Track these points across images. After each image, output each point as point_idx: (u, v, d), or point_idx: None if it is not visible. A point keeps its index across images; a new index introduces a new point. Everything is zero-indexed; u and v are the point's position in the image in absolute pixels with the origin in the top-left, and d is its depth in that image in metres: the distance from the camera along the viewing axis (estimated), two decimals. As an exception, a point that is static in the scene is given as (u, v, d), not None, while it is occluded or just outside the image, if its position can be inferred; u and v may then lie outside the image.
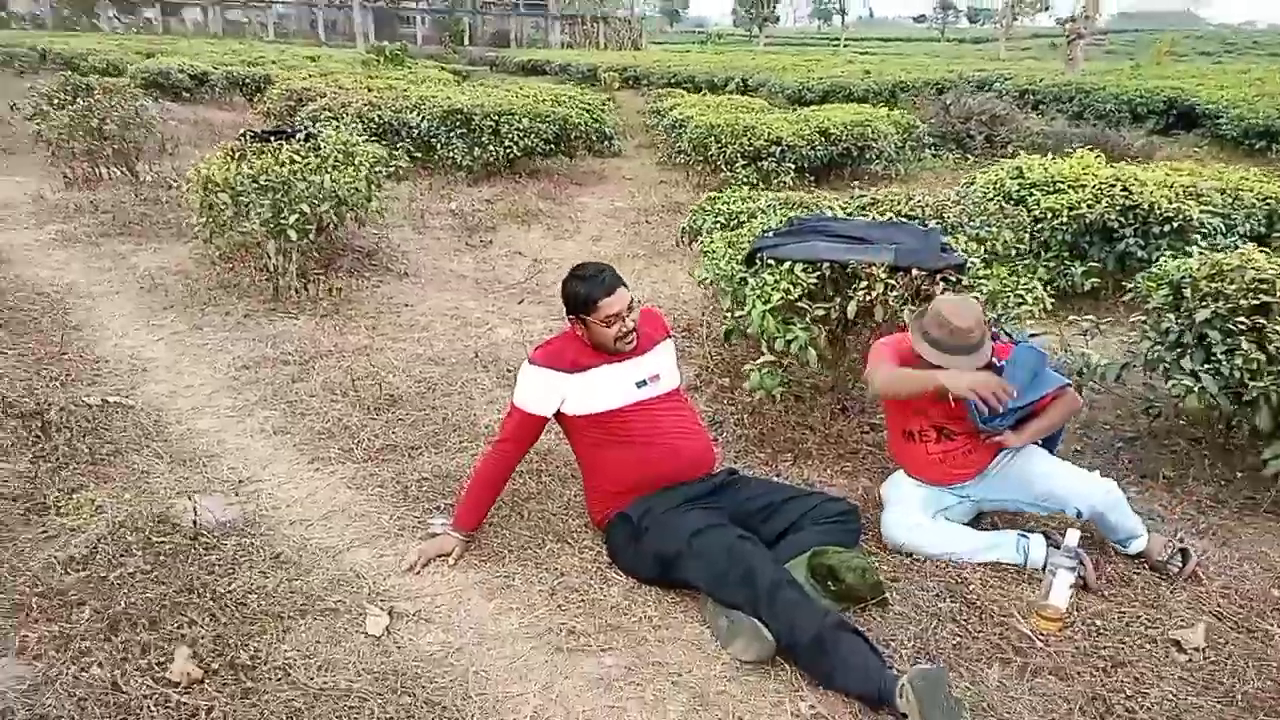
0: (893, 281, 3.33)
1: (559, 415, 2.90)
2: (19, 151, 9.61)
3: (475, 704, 2.23)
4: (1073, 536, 2.60)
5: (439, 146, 9.65)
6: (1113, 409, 4.13)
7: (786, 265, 3.46)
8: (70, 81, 8.71)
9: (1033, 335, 3.30)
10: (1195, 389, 3.24)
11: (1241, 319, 3.21)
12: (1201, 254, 3.76)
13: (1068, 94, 16.29)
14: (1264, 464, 3.15)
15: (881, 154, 10.18)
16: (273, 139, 5.86)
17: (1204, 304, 3.33)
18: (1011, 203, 5.75)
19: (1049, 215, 5.54)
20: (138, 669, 2.23)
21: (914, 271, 3.33)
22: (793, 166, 9.33)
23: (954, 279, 3.38)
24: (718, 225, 4.47)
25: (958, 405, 2.86)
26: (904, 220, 4.11)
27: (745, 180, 8.81)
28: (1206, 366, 3.24)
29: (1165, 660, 2.44)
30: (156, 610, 2.46)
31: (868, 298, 3.35)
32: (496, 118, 9.60)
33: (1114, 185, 5.60)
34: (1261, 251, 3.57)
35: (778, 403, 3.66)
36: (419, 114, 9.83)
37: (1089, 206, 5.46)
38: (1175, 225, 5.32)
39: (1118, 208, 5.43)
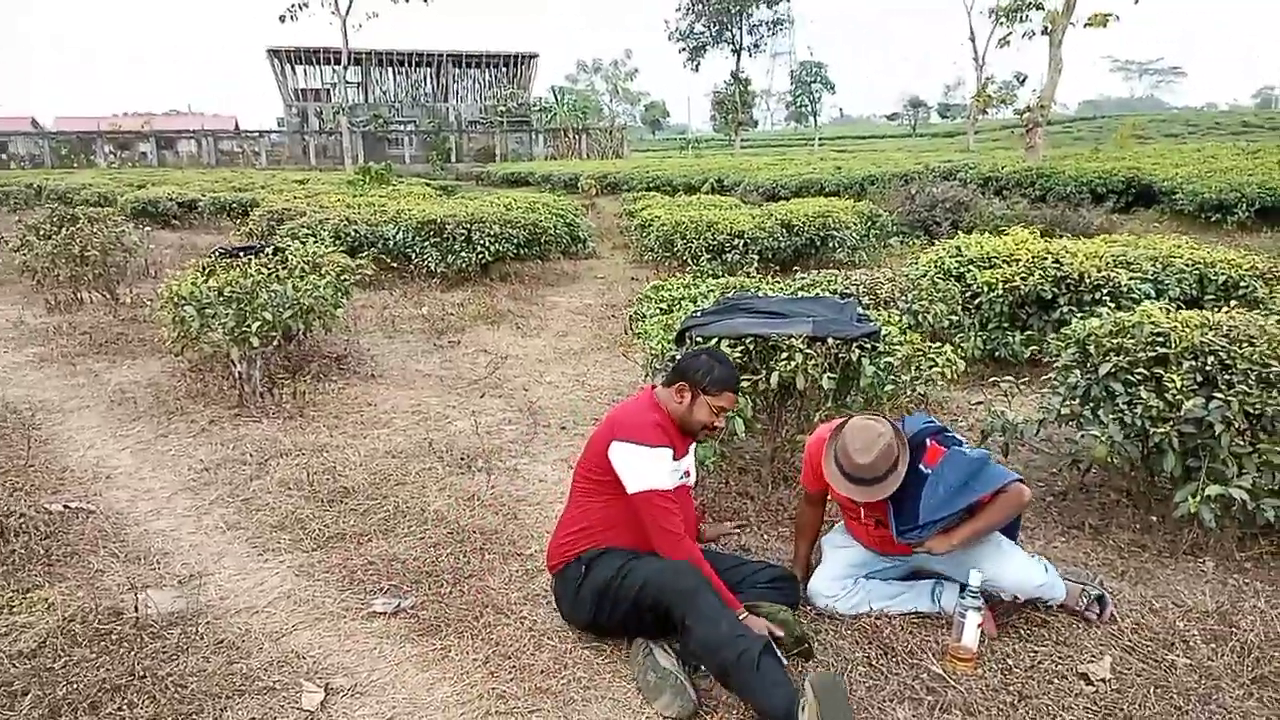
0: (810, 352, 3.52)
1: (606, 473, 2.87)
2: (5, 282, 9.94)
3: (398, 767, 2.31)
4: (975, 578, 2.71)
5: (414, 256, 9.99)
6: (1046, 466, 4.27)
7: (713, 341, 3.65)
8: (56, 212, 9.06)
9: (963, 443, 3.10)
10: (1104, 438, 3.41)
11: (1141, 370, 3.40)
12: (1109, 314, 3.97)
13: (1029, 179, 16.89)
14: (1175, 507, 3.28)
15: (844, 243, 10.55)
16: (242, 254, 6.14)
17: (1106, 359, 3.52)
18: (952, 278, 6.02)
19: (985, 289, 5.79)
20: (72, 749, 2.30)
21: (830, 341, 3.52)
22: (756, 258, 9.66)
23: (868, 345, 3.57)
24: (658, 311, 4.69)
25: (879, 510, 2.91)
26: (825, 295, 4.32)
27: (710, 273, 9.11)
28: (1112, 417, 3.41)
29: (1071, 693, 2.53)
30: (97, 695, 2.55)
31: (788, 368, 3.53)
32: (469, 225, 9.97)
33: (1045, 258, 5.87)
34: (1164, 309, 3.80)
35: (711, 473, 3.80)
36: (394, 226, 10.21)
37: (1022, 279, 5.71)
38: (1106, 292, 5.56)
39: (1050, 279, 5.68)
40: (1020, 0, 25.27)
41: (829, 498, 3.13)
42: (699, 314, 3.88)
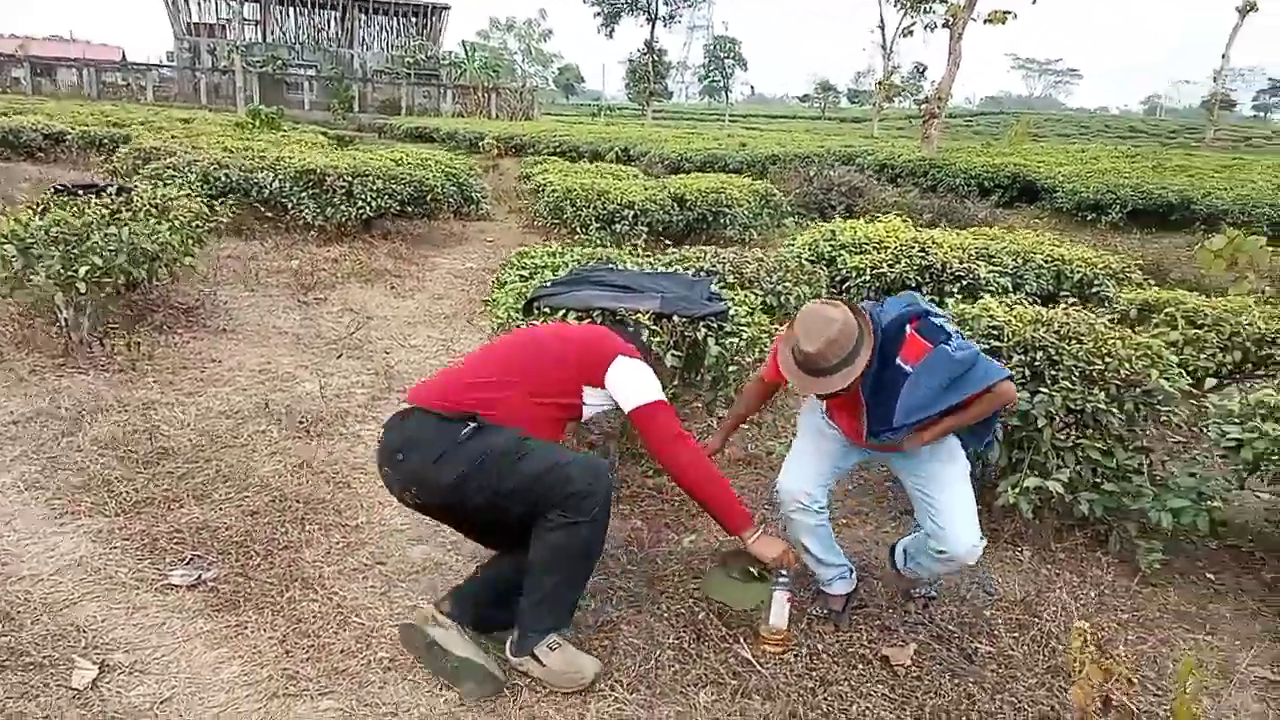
0: (656, 328, 3.45)
1: (579, 394, 2.68)
2: None
3: (162, 752, 2.16)
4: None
5: (290, 207, 9.55)
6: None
7: (561, 313, 3.55)
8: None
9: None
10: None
11: (976, 361, 3.45)
12: (951, 305, 4.03)
13: (922, 169, 17.29)
14: (997, 496, 3.36)
15: (735, 220, 10.57)
16: (81, 193, 5.71)
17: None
18: (823, 262, 6.06)
19: (854, 274, 5.85)
20: None
21: (675, 318, 3.46)
22: (645, 230, 9.58)
23: (715, 324, 3.53)
24: (519, 279, 4.55)
25: (850, 407, 2.70)
26: (678, 271, 4.27)
27: (598, 243, 8.99)
28: (946, 406, 3.45)
29: (872, 678, 2.55)
30: None
31: (633, 343, 3.46)
32: (350, 178, 9.57)
33: (913, 247, 5.96)
34: (1006, 304, 3.88)
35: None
36: (272, 174, 9.71)
37: (889, 266, 5.79)
38: (966, 283, 5.68)
39: (915, 267, 5.78)
40: (925, -9, 25.74)
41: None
42: (549, 284, 3.77)
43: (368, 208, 9.51)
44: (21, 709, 2.28)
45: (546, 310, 3.60)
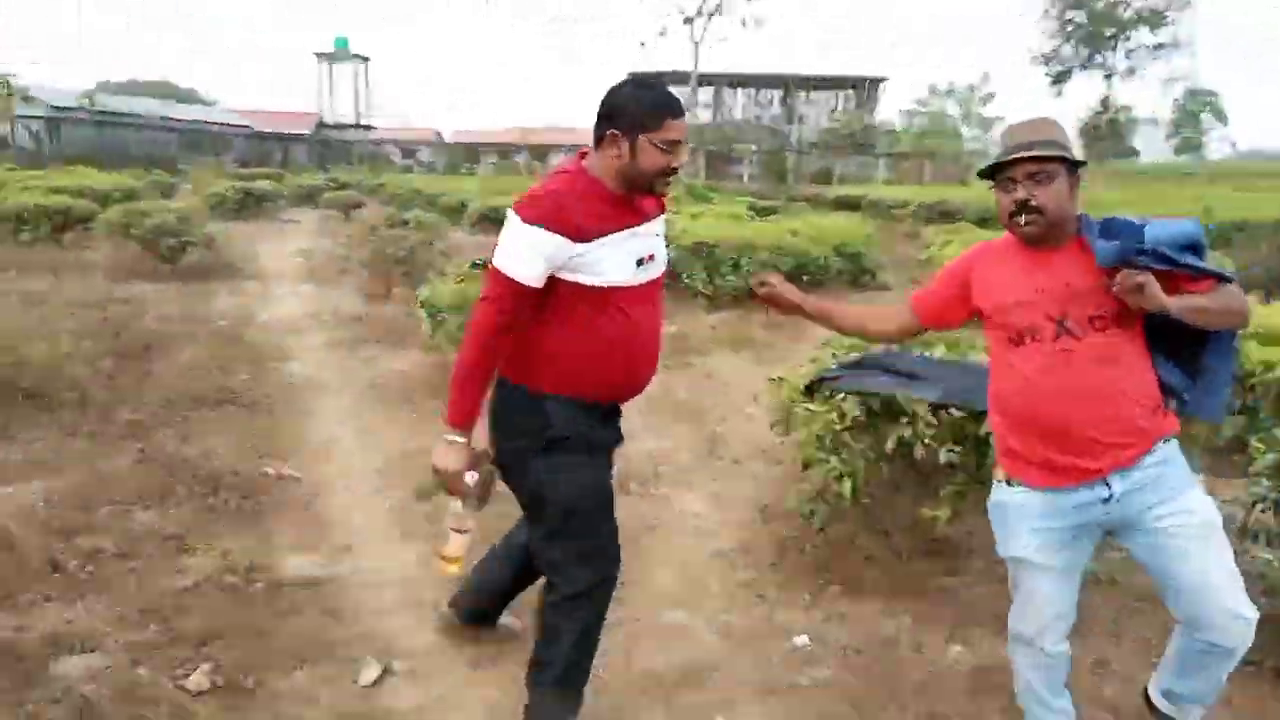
0: (933, 420, 3.25)
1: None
2: (349, 272, 11.74)
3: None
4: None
5: (682, 275, 10.34)
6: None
7: (840, 397, 3.51)
8: (392, 215, 10.53)
9: None
10: None
11: None
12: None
13: None
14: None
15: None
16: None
17: None
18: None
19: (1260, 369, 4.89)
20: None
21: (953, 411, 3.23)
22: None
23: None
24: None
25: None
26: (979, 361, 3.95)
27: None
28: None
29: None
30: (205, 634, 3.05)
31: (908, 434, 3.29)
32: (738, 251, 10.15)
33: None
34: None
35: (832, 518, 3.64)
36: (670, 244, 10.64)
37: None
38: None
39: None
40: None
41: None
42: (835, 368, 3.73)
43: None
44: (318, 696, 2.81)
45: (828, 394, 3.58)
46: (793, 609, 3.42)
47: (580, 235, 2.24)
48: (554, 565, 2.49)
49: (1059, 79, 50.88)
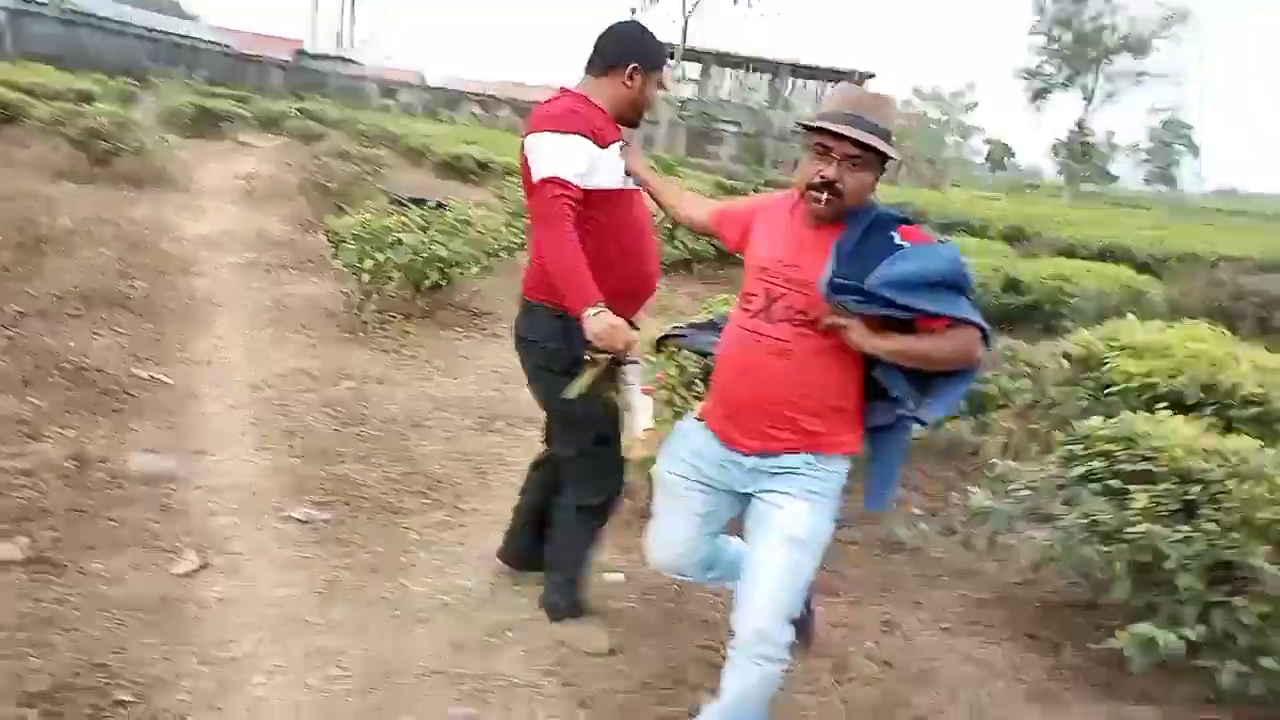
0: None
1: None
2: (282, 196, 11.67)
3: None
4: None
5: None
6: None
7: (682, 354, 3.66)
8: (336, 148, 10.48)
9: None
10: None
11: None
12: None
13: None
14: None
15: (1078, 312, 9.63)
16: (411, 204, 6.87)
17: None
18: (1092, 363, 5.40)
19: (1122, 379, 5.12)
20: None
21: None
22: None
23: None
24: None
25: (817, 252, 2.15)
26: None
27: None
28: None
29: None
30: (33, 512, 3.13)
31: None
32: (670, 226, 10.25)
33: (1207, 361, 5.09)
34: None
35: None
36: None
37: (1168, 377, 4.99)
38: (1256, 412, 4.73)
39: (1198, 383, 4.92)
40: None
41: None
42: (683, 325, 3.87)
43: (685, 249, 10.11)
44: (126, 578, 2.92)
45: (674, 349, 3.72)
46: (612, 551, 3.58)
47: (601, 141, 2.50)
48: (580, 480, 2.80)
49: (1038, 95, 51.32)
